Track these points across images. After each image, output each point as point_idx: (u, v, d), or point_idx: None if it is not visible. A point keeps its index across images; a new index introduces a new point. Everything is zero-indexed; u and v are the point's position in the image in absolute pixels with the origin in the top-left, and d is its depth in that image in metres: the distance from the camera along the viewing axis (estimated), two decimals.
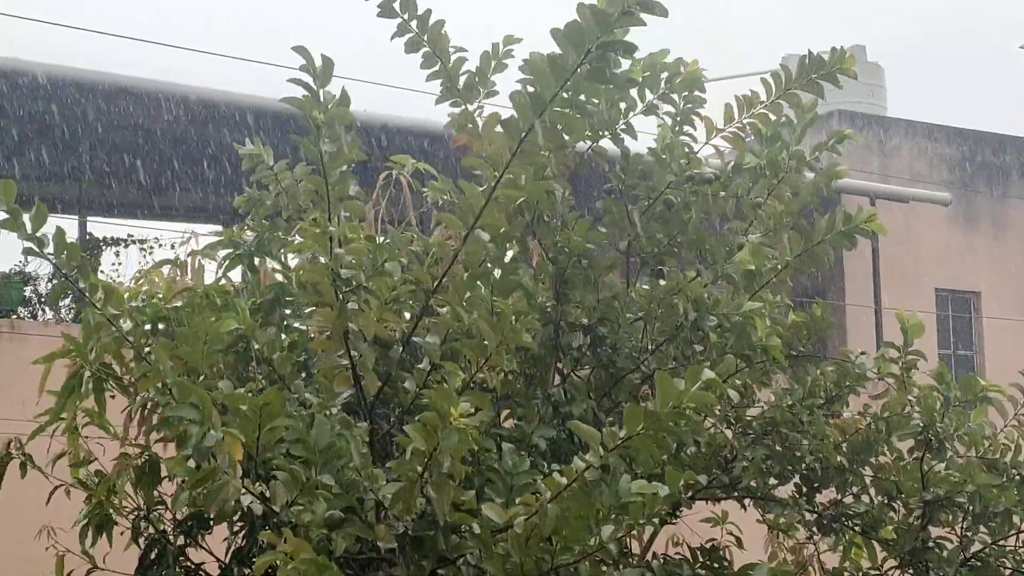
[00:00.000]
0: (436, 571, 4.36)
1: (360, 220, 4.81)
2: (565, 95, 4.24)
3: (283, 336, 5.02)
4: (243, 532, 5.04)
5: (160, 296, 5.01)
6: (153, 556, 5.20)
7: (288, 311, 5.21)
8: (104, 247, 15.60)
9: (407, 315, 4.72)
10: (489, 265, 4.62)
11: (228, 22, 60.96)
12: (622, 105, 5.38)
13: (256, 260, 5.28)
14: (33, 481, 5.32)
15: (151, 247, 15.67)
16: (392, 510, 4.18)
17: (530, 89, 4.26)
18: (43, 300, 14.61)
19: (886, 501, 5.95)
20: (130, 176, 15.12)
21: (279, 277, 5.21)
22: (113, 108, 12.73)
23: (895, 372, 5.92)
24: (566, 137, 4.48)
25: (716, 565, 5.70)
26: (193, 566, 5.22)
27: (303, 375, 4.95)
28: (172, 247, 15.16)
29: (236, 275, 5.31)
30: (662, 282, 5.39)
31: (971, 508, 5.76)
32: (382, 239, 4.90)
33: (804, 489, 5.91)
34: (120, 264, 15.58)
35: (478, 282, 4.52)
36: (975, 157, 19.93)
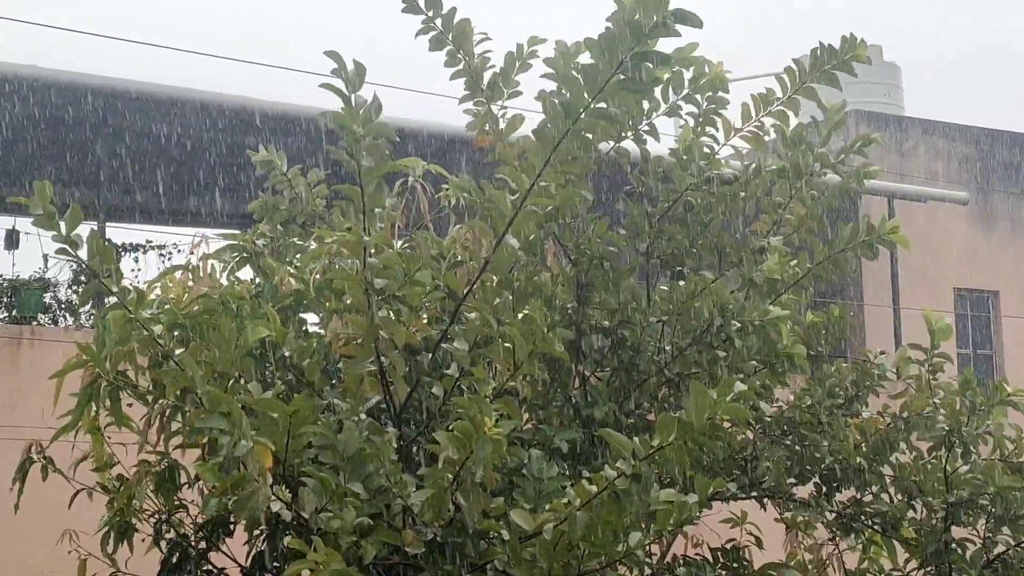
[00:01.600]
0: None
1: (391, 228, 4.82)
2: (597, 105, 4.24)
3: (303, 342, 5.03)
4: (264, 537, 5.04)
5: (173, 299, 5.02)
6: (175, 560, 5.21)
7: (304, 316, 5.22)
8: (123, 253, 15.66)
9: (435, 321, 4.72)
10: (515, 273, 4.61)
11: (228, 23, 61.10)
12: (645, 105, 5.36)
13: (270, 263, 5.29)
14: (53, 483, 5.34)
15: (169, 252, 15.73)
16: (422, 517, 4.18)
17: (563, 94, 4.24)
18: (63, 306, 14.66)
19: (906, 500, 5.94)
20: (147, 181, 15.17)
21: (293, 282, 5.21)
22: (128, 113, 12.77)
23: (917, 373, 5.91)
24: (590, 136, 4.46)
25: (736, 565, 5.70)
26: (215, 570, 5.23)
27: (327, 378, 4.95)
28: (180, 250, 15.20)
29: (246, 276, 5.32)
30: (682, 283, 5.38)
31: (994, 510, 5.75)
32: (400, 243, 4.90)
33: (824, 489, 5.91)
34: (140, 270, 15.64)
35: (505, 289, 4.52)
36: (993, 156, 19.86)
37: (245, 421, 4.04)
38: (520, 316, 4.42)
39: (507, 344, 4.33)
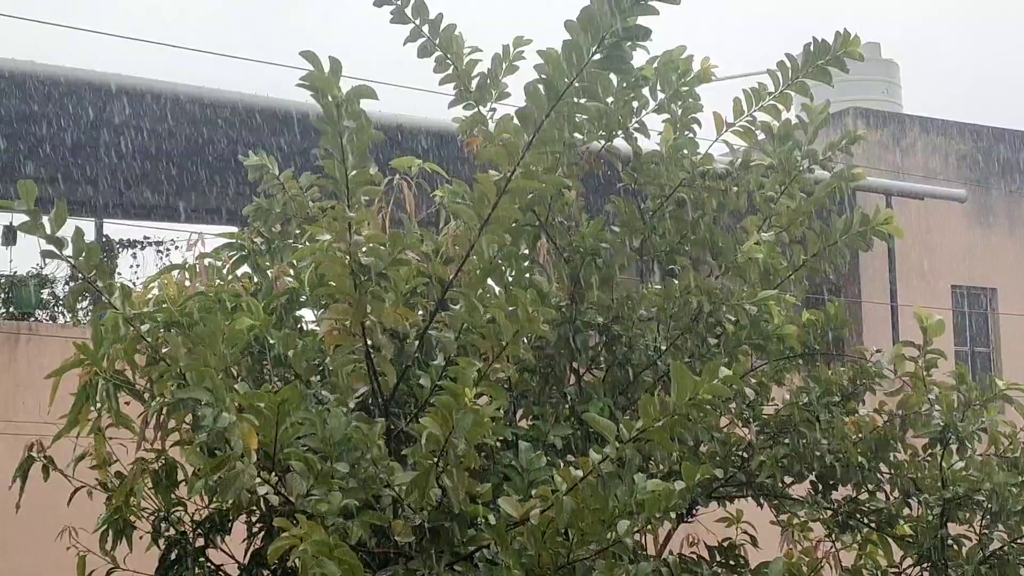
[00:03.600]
0: (453, 565, 4.38)
1: (377, 210, 4.82)
2: (577, 84, 4.24)
3: (298, 340, 5.04)
4: (261, 533, 5.06)
5: (171, 296, 5.02)
6: (173, 557, 5.23)
7: (300, 314, 5.24)
8: (120, 249, 15.68)
9: (421, 312, 4.73)
10: (501, 262, 4.62)
11: (228, 23, 61.10)
12: (634, 104, 5.38)
13: (266, 263, 5.31)
14: (52, 481, 5.36)
15: (167, 249, 15.75)
16: (407, 500, 4.18)
17: (544, 79, 4.26)
18: (60, 302, 14.68)
19: (903, 498, 5.95)
20: (145, 178, 15.18)
21: (290, 281, 5.22)
22: (126, 110, 12.77)
23: (912, 370, 5.92)
24: (580, 134, 4.46)
25: (733, 563, 5.71)
26: (213, 567, 5.25)
27: (319, 375, 4.97)
28: (177, 247, 15.24)
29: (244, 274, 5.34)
30: (675, 281, 5.40)
31: (990, 506, 5.76)
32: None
33: (820, 487, 5.92)
34: (138, 267, 15.67)
35: (491, 277, 4.53)
36: (991, 153, 19.87)
37: (229, 398, 4.04)
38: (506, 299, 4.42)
39: (492, 329, 4.33)
